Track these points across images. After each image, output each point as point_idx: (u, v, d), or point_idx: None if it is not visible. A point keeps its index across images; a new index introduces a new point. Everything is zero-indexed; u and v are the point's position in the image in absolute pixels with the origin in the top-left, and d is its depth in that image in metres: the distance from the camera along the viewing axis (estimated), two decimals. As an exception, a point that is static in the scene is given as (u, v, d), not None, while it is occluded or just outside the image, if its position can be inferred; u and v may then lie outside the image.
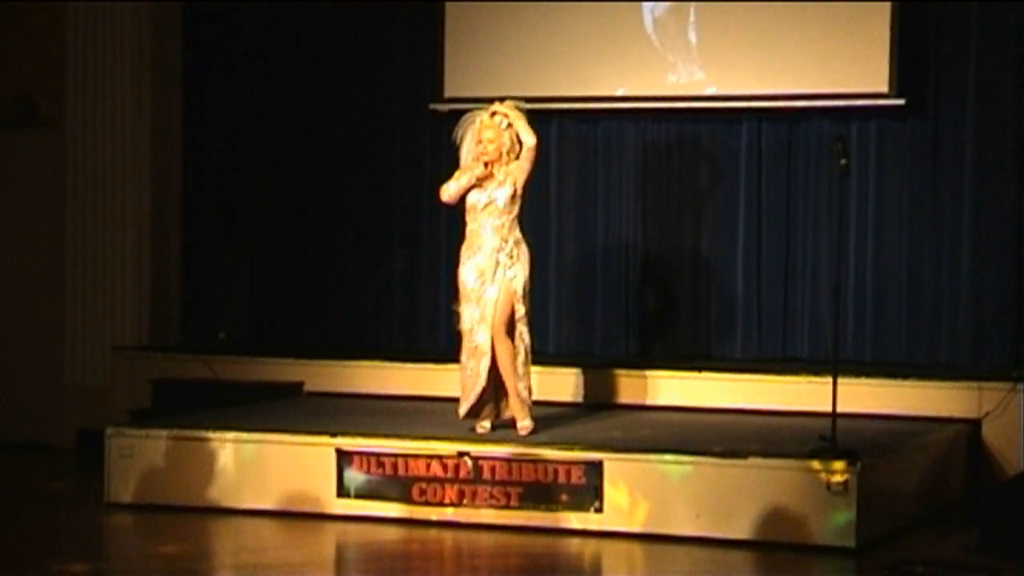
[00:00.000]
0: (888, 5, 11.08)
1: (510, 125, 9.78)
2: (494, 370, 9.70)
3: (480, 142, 9.77)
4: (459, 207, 9.87)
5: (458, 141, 9.91)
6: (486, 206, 9.74)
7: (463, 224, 9.87)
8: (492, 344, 9.65)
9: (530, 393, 9.83)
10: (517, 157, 9.79)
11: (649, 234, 11.78)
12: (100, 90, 12.27)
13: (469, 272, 9.76)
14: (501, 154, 9.76)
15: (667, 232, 11.75)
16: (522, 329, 9.73)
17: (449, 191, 9.83)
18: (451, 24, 11.95)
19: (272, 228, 12.44)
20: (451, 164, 10.00)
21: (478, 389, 9.73)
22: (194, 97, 12.60)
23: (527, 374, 9.79)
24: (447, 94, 11.88)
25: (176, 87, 12.58)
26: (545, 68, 11.75)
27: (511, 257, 9.73)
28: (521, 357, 9.73)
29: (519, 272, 9.73)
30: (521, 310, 9.73)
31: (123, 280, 12.28)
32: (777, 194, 11.50)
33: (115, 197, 12.27)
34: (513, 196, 9.75)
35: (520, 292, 9.71)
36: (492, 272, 9.70)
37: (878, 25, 11.07)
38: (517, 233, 9.80)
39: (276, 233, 12.44)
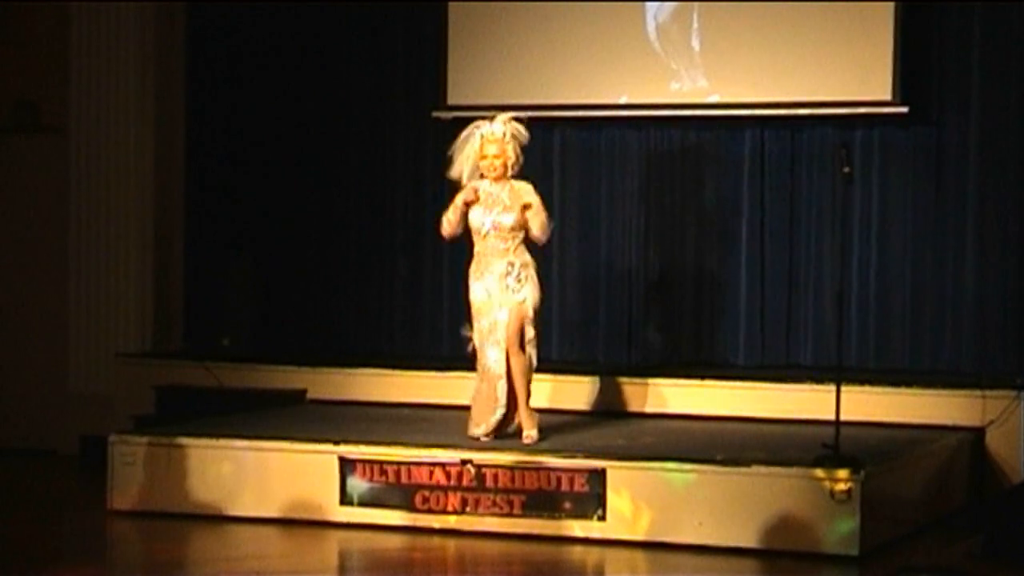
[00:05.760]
0: (891, 13, 11.08)
1: (513, 137, 9.74)
2: (512, 391, 9.69)
3: (484, 157, 9.72)
4: (465, 229, 9.84)
5: (454, 155, 9.82)
6: (491, 230, 9.71)
7: (469, 241, 9.86)
8: (507, 363, 9.63)
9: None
10: (522, 171, 9.75)
11: (652, 241, 11.78)
12: (103, 95, 12.28)
13: (478, 292, 9.74)
14: (506, 167, 9.73)
15: (670, 239, 11.75)
16: (531, 352, 9.72)
17: (449, 221, 9.78)
18: (454, 32, 11.96)
19: (275, 235, 12.45)
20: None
21: (498, 415, 9.70)
22: (198, 103, 12.62)
23: (530, 388, 9.79)
24: (450, 101, 11.89)
25: (179, 93, 12.59)
26: (548, 76, 11.76)
27: (519, 280, 9.68)
28: (528, 376, 9.71)
29: (528, 294, 9.68)
30: (531, 332, 9.70)
31: (127, 286, 12.29)
32: (780, 202, 11.50)
33: (118, 203, 12.28)
34: (520, 222, 9.70)
35: (530, 314, 9.68)
36: (500, 294, 9.67)
37: (881, 33, 11.07)
38: (525, 256, 9.75)
39: (279, 240, 12.45)
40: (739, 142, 11.58)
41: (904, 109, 11.09)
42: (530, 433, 9.68)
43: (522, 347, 9.66)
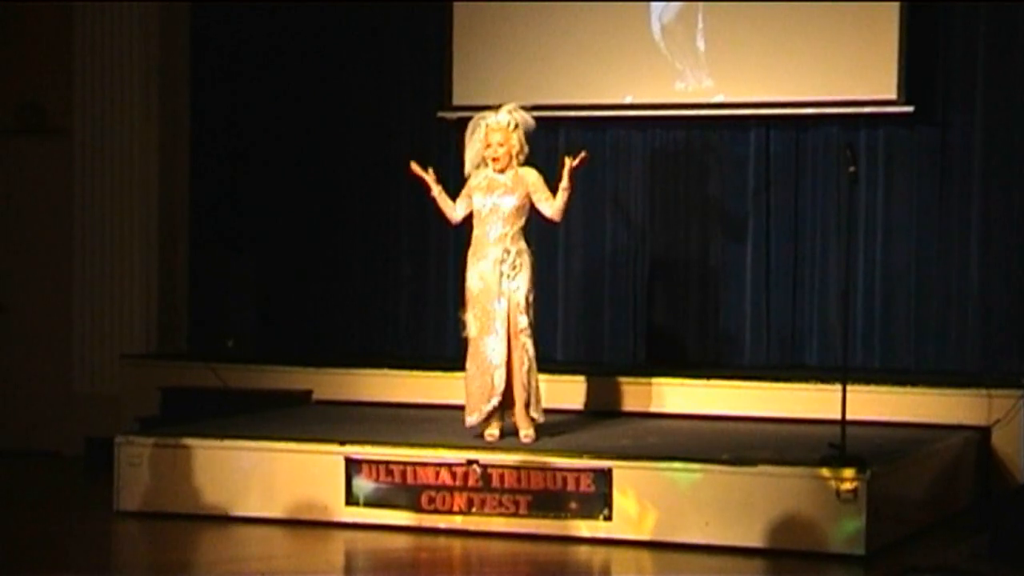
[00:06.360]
0: (896, 12, 11.08)
1: (518, 127, 9.74)
2: (507, 381, 9.68)
3: (489, 145, 9.73)
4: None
5: (466, 144, 9.86)
6: (491, 212, 9.71)
7: (471, 230, 9.87)
8: (508, 355, 9.63)
9: (538, 402, 9.81)
10: (527, 161, 9.76)
11: (657, 241, 11.78)
12: (108, 97, 12.29)
13: (474, 278, 9.74)
14: (511, 156, 9.73)
15: (675, 239, 11.75)
16: (524, 341, 9.69)
17: (454, 214, 9.85)
18: (459, 32, 11.96)
19: (280, 236, 12.45)
20: (459, 172, 9.98)
21: (494, 402, 9.70)
22: (202, 104, 12.62)
23: (532, 383, 9.77)
24: (455, 102, 11.89)
25: (183, 94, 12.60)
26: (553, 76, 11.76)
27: (514, 268, 9.68)
28: (525, 367, 9.71)
29: (522, 283, 9.67)
30: (524, 321, 9.68)
31: (131, 288, 12.29)
32: (785, 201, 11.50)
33: (123, 204, 12.29)
34: (520, 207, 9.71)
35: (523, 303, 9.67)
36: (497, 283, 9.66)
37: (886, 32, 11.07)
38: (521, 244, 9.75)
39: (284, 241, 12.45)
40: (744, 142, 11.58)
41: (909, 108, 11.09)
42: (528, 433, 9.67)
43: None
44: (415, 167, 9.89)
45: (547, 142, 11.44)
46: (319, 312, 12.41)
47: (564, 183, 9.67)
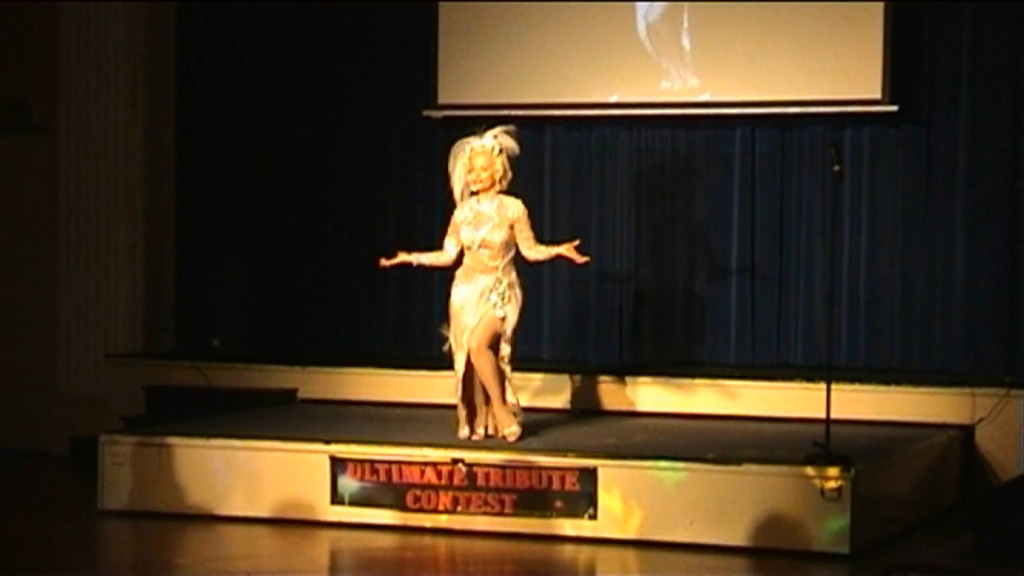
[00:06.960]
0: (881, 12, 11.09)
1: (502, 151, 9.73)
2: (468, 389, 9.69)
3: (472, 170, 9.71)
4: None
5: (450, 171, 9.85)
6: (481, 246, 9.71)
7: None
8: (468, 362, 9.62)
9: (517, 415, 9.82)
10: (510, 186, 9.75)
11: (643, 240, 11.79)
12: (94, 95, 12.27)
13: (458, 297, 9.74)
14: (494, 181, 9.72)
15: (661, 238, 11.76)
16: (505, 368, 9.70)
17: (446, 258, 9.87)
18: (445, 31, 11.96)
19: (266, 235, 12.44)
20: (444, 173, 9.95)
21: (465, 411, 9.73)
22: (188, 103, 12.61)
23: (512, 398, 9.76)
24: (441, 100, 11.89)
25: (170, 93, 12.58)
26: (538, 75, 11.76)
27: (503, 298, 9.67)
28: (509, 389, 9.70)
29: (509, 313, 9.67)
30: (506, 349, 9.69)
31: (117, 287, 12.28)
32: (770, 200, 11.51)
33: (109, 203, 12.27)
34: (508, 241, 9.71)
35: (508, 332, 9.68)
36: (479, 304, 9.65)
37: (871, 32, 11.09)
38: (512, 276, 9.74)
39: (270, 240, 12.44)
40: (729, 141, 11.59)
41: (894, 108, 11.10)
42: (512, 430, 9.67)
43: (495, 351, 9.65)
44: (385, 263, 9.88)
45: (533, 141, 11.44)
46: (305, 311, 12.40)
47: (554, 253, 9.73)
